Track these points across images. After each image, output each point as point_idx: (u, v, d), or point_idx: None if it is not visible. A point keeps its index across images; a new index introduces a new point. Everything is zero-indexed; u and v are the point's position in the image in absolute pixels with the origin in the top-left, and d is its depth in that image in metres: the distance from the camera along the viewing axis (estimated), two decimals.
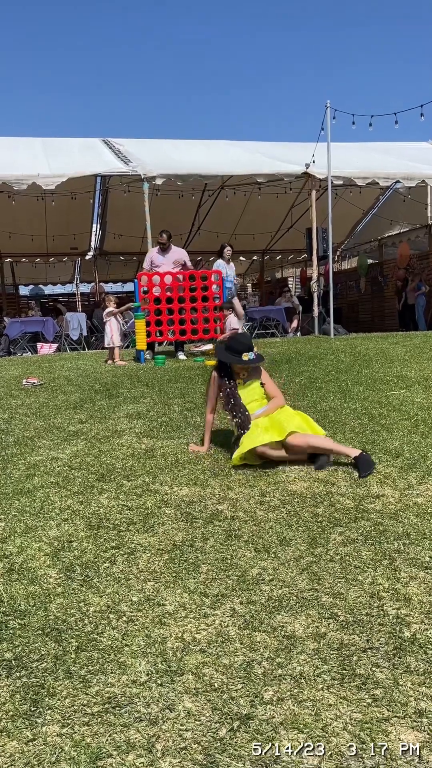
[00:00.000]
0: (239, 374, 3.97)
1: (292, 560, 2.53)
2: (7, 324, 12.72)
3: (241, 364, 3.89)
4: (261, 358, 3.99)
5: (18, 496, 3.36)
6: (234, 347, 3.91)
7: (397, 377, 5.99)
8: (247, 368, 3.96)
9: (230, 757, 1.54)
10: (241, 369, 3.96)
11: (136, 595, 2.31)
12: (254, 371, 4.00)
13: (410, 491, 3.21)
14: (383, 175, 12.02)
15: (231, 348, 3.93)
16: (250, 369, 3.98)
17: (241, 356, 3.87)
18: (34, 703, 1.76)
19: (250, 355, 3.87)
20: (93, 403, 5.53)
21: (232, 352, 3.91)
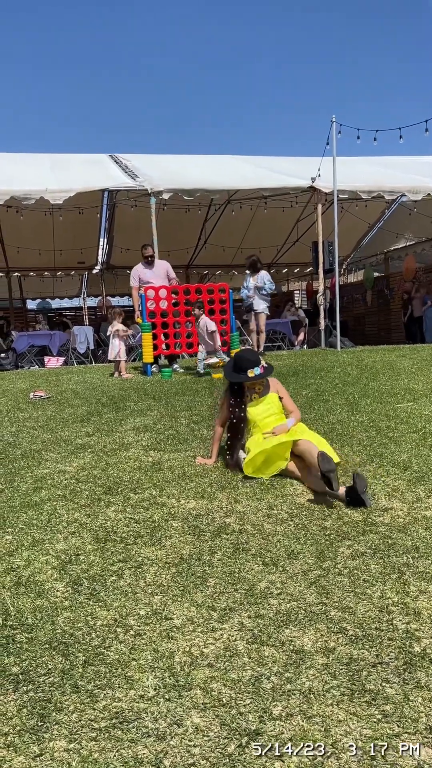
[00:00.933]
0: (253, 388, 3.97)
1: (300, 574, 2.51)
2: (14, 338, 12.79)
3: (248, 381, 3.90)
4: (269, 370, 3.98)
5: (25, 509, 3.36)
6: (240, 365, 3.92)
7: (405, 390, 5.97)
8: (260, 383, 3.95)
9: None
10: (252, 384, 3.96)
11: (143, 609, 2.30)
12: (268, 385, 4.00)
13: (419, 504, 3.19)
14: (389, 189, 12.06)
15: (237, 366, 3.94)
16: (264, 383, 3.98)
17: (246, 373, 3.88)
18: (41, 717, 1.75)
19: (255, 371, 3.87)
20: (100, 416, 5.54)
21: (238, 371, 3.92)
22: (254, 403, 3.93)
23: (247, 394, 3.96)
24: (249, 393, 3.97)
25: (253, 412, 3.91)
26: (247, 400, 3.95)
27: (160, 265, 9.17)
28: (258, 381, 3.94)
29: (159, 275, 8.99)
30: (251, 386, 3.97)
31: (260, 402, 3.93)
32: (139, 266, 9.16)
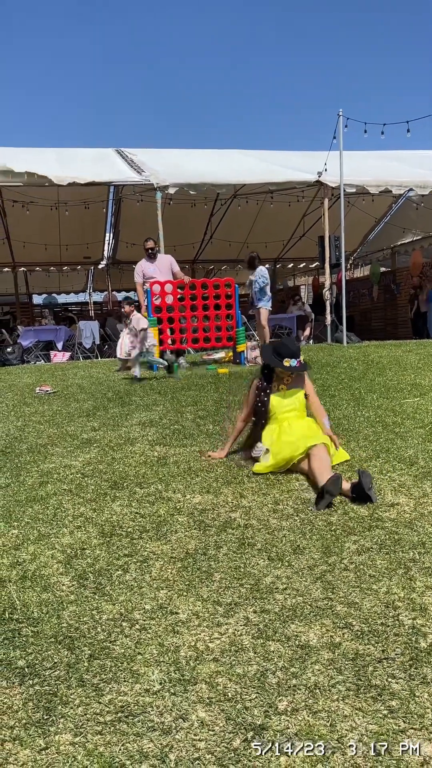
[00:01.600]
0: (283, 379, 3.96)
1: (306, 569, 2.51)
2: (20, 332, 12.81)
3: (280, 368, 3.88)
4: (305, 366, 3.94)
5: (31, 504, 3.37)
6: (280, 351, 3.89)
7: (411, 385, 5.95)
8: (290, 375, 3.95)
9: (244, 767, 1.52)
10: (284, 374, 3.95)
11: (149, 603, 2.30)
12: (298, 379, 3.98)
13: (425, 500, 3.17)
14: (396, 183, 11.99)
15: (277, 351, 3.91)
16: (295, 376, 3.97)
17: (282, 361, 3.85)
18: (46, 711, 1.75)
19: (291, 362, 3.85)
20: (106, 410, 5.55)
21: (277, 356, 3.89)
22: (280, 394, 3.92)
23: (275, 383, 3.95)
24: (277, 383, 3.95)
25: (275, 401, 3.88)
26: (274, 389, 3.94)
27: (163, 259, 9.12)
28: (288, 373, 3.92)
29: (162, 270, 8.95)
30: (282, 376, 3.95)
31: (285, 395, 3.91)
32: (143, 261, 9.11)
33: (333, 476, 3.21)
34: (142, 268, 9.05)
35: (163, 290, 8.63)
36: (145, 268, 9.04)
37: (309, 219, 15.66)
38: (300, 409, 3.90)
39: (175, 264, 9.12)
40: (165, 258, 9.17)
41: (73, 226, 14.80)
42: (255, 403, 3.89)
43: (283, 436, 3.71)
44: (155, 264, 9.00)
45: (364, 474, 3.17)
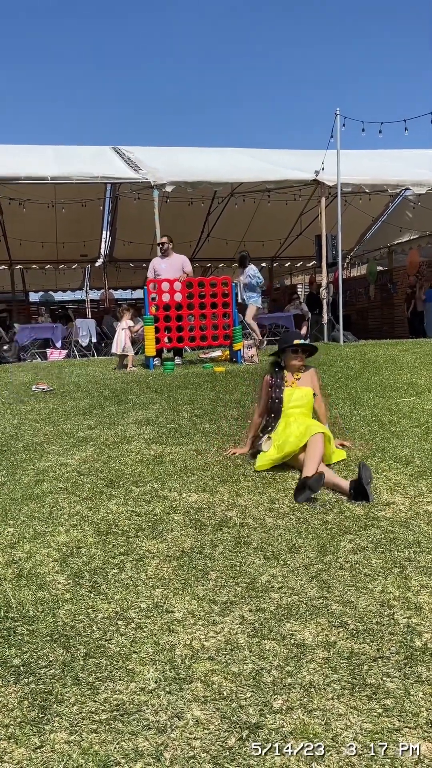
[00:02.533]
0: (293, 373, 4.01)
1: (302, 568, 2.51)
2: (17, 330, 12.78)
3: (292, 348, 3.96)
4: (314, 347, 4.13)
5: (27, 502, 3.36)
6: (286, 339, 4.04)
7: (407, 384, 5.96)
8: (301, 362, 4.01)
9: (239, 766, 1.52)
10: (296, 365, 3.99)
11: (144, 602, 2.30)
12: (307, 377, 4.03)
13: (421, 499, 3.18)
14: (393, 182, 12.00)
15: (283, 340, 4.08)
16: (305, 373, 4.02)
17: (291, 342, 3.97)
18: (42, 709, 1.75)
19: (301, 340, 4.01)
20: (102, 409, 5.54)
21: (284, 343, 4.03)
22: (290, 390, 3.95)
23: (287, 378, 3.99)
24: (290, 377, 4.00)
25: (286, 396, 3.93)
26: (286, 384, 3.97)
27: (176, 258, 9.15)
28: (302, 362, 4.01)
29: (173, 269, 8.97)
30: (292, 368, 4.01)
31: (295, 390, 3.95)
32: (156, 258, 9.20)
33: (317, 473, 3.23)
34: (153, 266, 9.12)
35: (160, 288, 8.62)
36: (156, 266, 9.10)
37: (306, 218, 15.66)
38: (307, 406, 3.93)
39: (187, 264, 9.13)
40: (178, 258, 9.20)
41: (70, 223, 14.77)
42: (269, 399, 3.92)
43: (288, 430, 3.72)
44: (167, 262, 9.03)
45: (365, 467, 3.18)
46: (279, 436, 3.74)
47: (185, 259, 9.23)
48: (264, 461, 3.71)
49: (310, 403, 3.94)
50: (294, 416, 3.82)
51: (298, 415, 3.83)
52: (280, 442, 3.70)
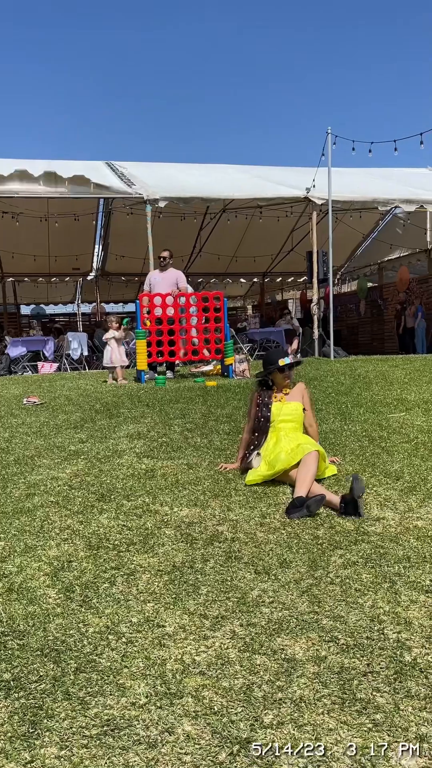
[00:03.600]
0: (282, 391, 4.04)
1: (293, 582, 2.52)
2: (8, 343, 12.77)
3: (279, 369, 3.99)
4: (299, 361, 4.13)
5: (18, 516, 3.36)
6: (270, 360, 4.05)
7: (397, 400, 6.01)
8: (289, 379, 4.04)
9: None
10: (283, 380, 4.02)
11: (135, 616, 2.30)
12: (297, 392, 4.05)
13: (411, 514, 3.20)
14: (383, 200, 12.16)
15: (267, 362, 4.08)
16: (294, 388, 4.05)
17: (277, 363, 3.98)
18: (32, 724, 1.74)
19: (286, 360, 3.99)
20: (93, 422, 5.54)
21: (268, 364, 4.05)
22: (279, 405, 3.97)
23: (275, 394, 4.02)
24: (277, 392, 4.03)
25: (275, 408, 3.95)
26: (275, 399, 3.99)
27: (171, 273, 9.22)
28: (290, 379, 4.04)
29: (167, 283, 9.04)
30: (281, 383, 4.03)
31: (284, 404, 3.97)
32: (155, 271, 9.31)
33: (319, 494, 3.24)
34: (150, 279, 9.22)
35: (152, 303, 8.66)
36: (152, 279, 9.19)
37: (297, 234, 15.82)
38: (297, 421, 3.95)
39: (181, 279, 9.20)
40: (173, 272, 9.27)
41: (62, 237, 14.83)
42: (257, 418, 3.94)
43: (279, 446, 3.73)
44: (162, 276, 9.11)
45: (357, 480, 3.19)
46: (270, 452, 3.76)
47: (180, 274, 9.29)
48: (254, 476, 3.72)
49: (300, 418, 3.97)
50: (285, 431, 3.84)
51: (288, 430, 3.85)
52: (270, 458, 3.71)
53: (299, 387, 4.10)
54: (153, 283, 9.13)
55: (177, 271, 9.42)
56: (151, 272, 9.40)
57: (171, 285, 9.03)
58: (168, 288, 8.94)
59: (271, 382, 4.07)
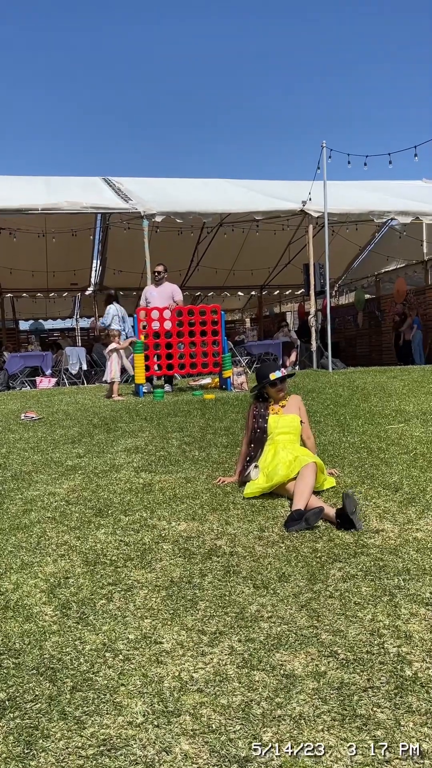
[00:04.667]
0: (279, 403, 4.04)
1: (291, 597, 2.50)
2: (6, 358, 12.77)
3: (269, 383, 3.99)
4: (291, 374, 4.11)
5: (14, 532, 3.33)
6: (262, 374, 4.05)
7: (396, 411, 5.99)
8: (282, 391, 4.04)
9: None
10: (277, 393, 4.02)
11: (132, 633, 2.27)
12: (293, 405, 4.05)
13: (410, 526, 3.18)
14: (378, 212, 12.22)
15: (260, 376, 4.07)
16: (289, 400, 4.05)
17: (268, 377, 3.98)
18: (27, 744, 1.72)
19: (276, 373, 3.98)
20: (91, 437, 5.52)
21: (260, 378, 4.05)
22: (276, 417, 3.96)
23: (271, 406, 4.02)
24: (275, 405, 4.04)
25: (272, 421, 3.95)
26: (271, 412, 3.99)
27: (166, 287, 9.28)
28: (284, 391, 4.04)
29: (163, 297, 9.10)
30: (275, 396, 4.03)
31: (281, 417, 3.96)
32: (149, 287, 9.38)
33: (317, 507, 3.22)
34: (145, 293, 9.30)
35: (150, 317, 8.68)
36: (148, 294, 9.27)
37: (294, 247, 15.88)
38: (295, 433, 3.94)
39: (177, 293, 9.25)
40: (168, 286, 9.33)
41: (60, 252, 14.88)
42: (253, 429, 3.94)
43: (277, 458, 3.72)
44: (158, 290, 9.17)
45: (348, 498, 3.16)
46: (268, 465, 3.74)
47: (175, 288, 9.34)
48: (253, 489, 3.70)
49: (297, 430, 3.96)
50: (282, 443, 3.82)
51: (286, 442, 3.84)
52: (269, 471, 3.69)
53: (295, 400, 4.10)
54: (149, 298, 9.18)
55: (172, 285, 9.47)
56: (147, 287, 9.47)
57: (167, 299, 9.07)
58: (164, 302, 8.97)
59: (266, 395, 4.07)
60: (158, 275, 9.22)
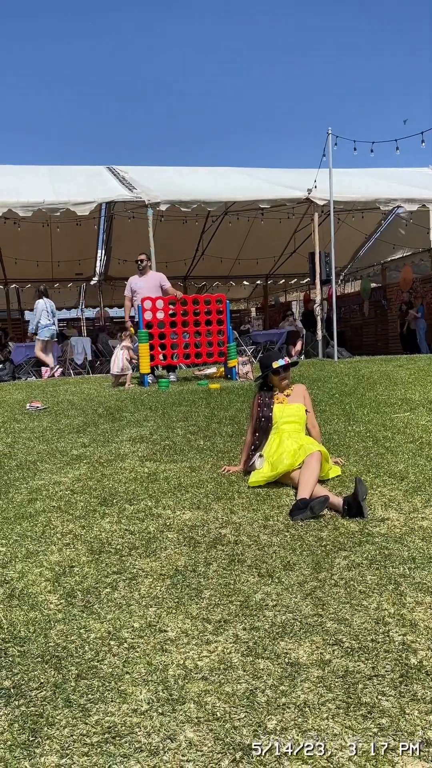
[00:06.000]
0: (284, 392, 4.03)
1: (296, 585, 2.49)
2: (12, 349, 12.78)
3: (272, 372, 3.99)
4: (295, 363, 4.11)
5: (20, 521, 3.34)
6: (265, 362, 4.05)
7: (402, 400, 5.97)
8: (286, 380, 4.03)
9: None
10: (280, 382, 4.01)
11: (137, 622, 2.27)
12: (298, 394, 4.04)
13: (415, 514, 3.17)
14: (384, 200, 12.12)
15: (263, 365, 4.07)
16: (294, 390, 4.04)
17: (271, 365, 3.97)
18: (32, 732, 1.72)
19: (279, 362, 3.97)
20: (96, 426, 5.52)
21: (264, 367, 4.04)
22: (281, 406, 3.95)
23: (276, 395, 4.00)
24: (280, 394, 4.02)
25: (277, 410, 3.93)
26: (276, 401, 3.98)
27: (152, 276, 9.17)
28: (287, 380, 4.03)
29: (151, 286, 8.99)
30: (279, 384, 4.02)
31: (287, 406, 3.95)
32: (134, 277, 9.22)
33: (322, 495, 3.21)
34: (131, 283, 9.16)
35: (155, 306, 8.65)
36: (133, 284, 9.13)
37: (300, 235, 15.79)
38: (300, 422, 3.92)
39: (165, 281, 9.15)
40: (155, 275, 9.21)
41: (64, 242, 14.85)
42: (258, 418, 3.93)
43: (282, 447, 3.71)
44: (143, 280, 9.06)
45: (360, 483, 3.16)
46: (273, 454, 3.73)
47: (162, 276, 9.24)
48: (257, 477, 3.70)
49: (302, 419, 3.94)
50: (287, 432, 3.81)
51: (291, 431, 3.83)
52: (273, 460, 3.69)
53: (300, 389, 4.08)
54: (136, 289, 9.04)
55: (158, 273, 9.37)
56: (133, 278, 9.22)
57: (155, 288, 8.97)
58: (152, 292, 8.87)
59: (271, 383, 4.05)
60: (141, 264, 9.10)
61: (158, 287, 9.02)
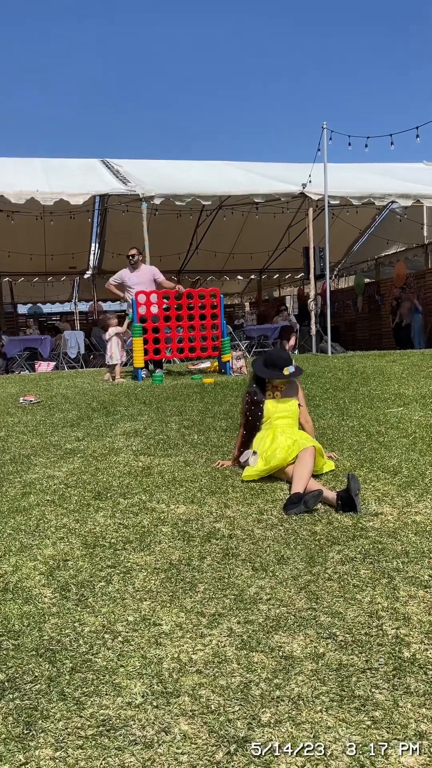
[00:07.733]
0: (277, 387, 3.99)
1: (290, 579, 2.50)
2: (5, 342, 12.74)
3: (282, 378, 3.92)
4: (300, 370, 4.02)
5: (13, 515, 3.33)
6: (275, 362, 3.93)
7: (395, 395, 5.99)
8: (286, 382, 3.99)
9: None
10: (279, 383, 3.98)
11: (131, 615, 2.28)
12: (292, 388, 4.01)
13: (409, 509, 3.18)
14: (379, 195, 12.13)
15: (270, 363, 3.95)
16: (288, 384, 4.01)
17: (282, 371, 3.89)
18: (27, 725, 1.72)
19: (290, 369, 3.90)
20: (90, 420, 5.52)
21: (272, 368, 3.93)
22: (274, 401, 3.93)
23: (269, 391, 3.98)
24: (271, 391, 3.99)
25: (270, 406, 3.91)
26: (269, 396, 3.96)
27: (145, 270, 9.13)
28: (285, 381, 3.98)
29: (143, 280, 8.94)
30: (277, 384, 3.99)
31: (280, 401, 3.93)
32: (125, 270, 9.14)
33: (316, 490, 3.22)
34: (122, 276, 9.08)
35: (149, 300, 8.62)
36: (125, 277, 9.05)
37: (294, 230, 15.79)
38: (293, 417, 3.92)
39: (158, 274, 9.11)
40: (148, 269, 9.17)
41: (58, 236, 14.80)
42: (249, 412, 3.91)
43: (276, 442, 3.71)
44: (137, 275, 9.00)
45: (353, 479, 3.17)
46: (266, 449, 3.73)
47: (155, 270, 9.20)
48: (251, 472, 3.70)
49: (296, 414, 3.94)
50: (281, 428, 3.81)
51: (285, 426, 3.83)
52: (267, 455, 3.69)
53: (294, 383, 4.08)
54: (130, 284, 8.98)
55: (150, 267, 9.33)
56: (124, 271, 9.13)
57: (149, 282, 8.94)
58: (146, 286, 8.83)
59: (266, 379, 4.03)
60: (133, 258, 9.04)
61: (152, 281, 8.98)
